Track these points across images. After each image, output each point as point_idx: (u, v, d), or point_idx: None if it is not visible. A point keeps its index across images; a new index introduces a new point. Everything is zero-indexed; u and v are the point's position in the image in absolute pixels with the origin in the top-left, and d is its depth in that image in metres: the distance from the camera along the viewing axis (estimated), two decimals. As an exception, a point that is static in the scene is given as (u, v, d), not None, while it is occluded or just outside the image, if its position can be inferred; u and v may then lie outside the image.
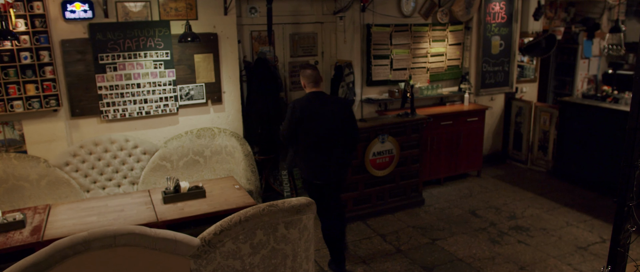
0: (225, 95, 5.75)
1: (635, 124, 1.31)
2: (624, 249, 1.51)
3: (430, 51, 6.91)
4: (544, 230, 5.33)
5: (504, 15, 7.28)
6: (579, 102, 6.69)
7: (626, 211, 1.46)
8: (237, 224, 3.17)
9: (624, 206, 1.46)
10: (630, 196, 1.45)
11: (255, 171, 5.46)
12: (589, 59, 8.59)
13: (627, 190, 1.44)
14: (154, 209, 4.14)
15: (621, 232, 1.47)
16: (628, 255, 1.53)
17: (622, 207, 1.46)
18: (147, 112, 5.33)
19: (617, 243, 1.50)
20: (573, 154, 6.76)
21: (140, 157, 5.27)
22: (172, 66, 5.35)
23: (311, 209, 3.50)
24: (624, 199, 1.46)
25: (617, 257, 1.52)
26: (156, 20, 5.20)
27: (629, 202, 1.46)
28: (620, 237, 1.47)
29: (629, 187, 1.44)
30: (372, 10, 6.34)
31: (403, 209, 5.89)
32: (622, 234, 1.47)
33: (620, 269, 1.53)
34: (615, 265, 1.51)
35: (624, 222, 1.47)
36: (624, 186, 1.45)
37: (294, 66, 6.56)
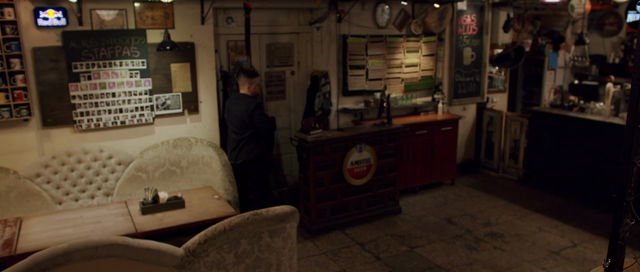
0: (202, 105, 5.70)
1: (633, 123, 1.37)
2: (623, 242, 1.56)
3: (405, 62, 7.03)
4: (518, 236, 5.45)
5: (475, 27, 7.48)
6: (548, 111, 6.90)
7: (625, 206, 1.52)
8: (221, 234, 3.14)
9: (623, 201, 1.52)
10: (629, 191, 1.52)
11: (233, 181, 5.41)
12: (555, 70, 8.88)
13: (625, 186, 1.50)
14: (132, 220, 4.05)
15: (621, 226, 1.52)
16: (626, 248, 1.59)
17: (622, 202, 1.52)
18: (122, 122, 5.23)
19: (616, 237, 1.56)
20: (543, 162, 6.96)
21: (115, 168, 5.15)
22: (148, 75, 5.27)
23: (295, 217, 3.49)
24: (623, 195, 1.52)
25: (616, 251, 1.58)
26: (132, 29, 5.12)
27: (627, 197, 1.52)
28: (620, 231, 1.53)
29: (628, 184, 1.50)
30: (348, 21, 6.41)
31: (381, 218, 5.93)
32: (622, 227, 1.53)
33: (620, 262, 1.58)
34: (615, 258, 1.57)
35: (623, 216, 1.53)
36: (623, 182, 1.51)
37: (270, 76, 6.56)
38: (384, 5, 6.63)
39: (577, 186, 6.47)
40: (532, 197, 6.69)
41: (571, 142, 6.48)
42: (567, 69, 9.16)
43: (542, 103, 8.77)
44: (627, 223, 1.55)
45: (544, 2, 7.58)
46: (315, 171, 5.38)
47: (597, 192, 6.21)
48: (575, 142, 6.43)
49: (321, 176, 5.43)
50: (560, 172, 6.67)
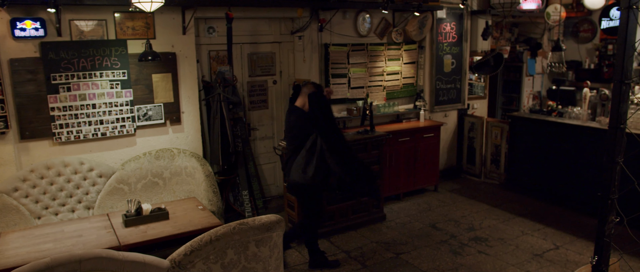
0: (185, 116, 5.65)
1: (616, 123, 1.41)
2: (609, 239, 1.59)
3: (386, 70, 7.08)
4: (501, 240, 5.50)
5: (455, 35, 7.58)
6: (527, 116, 7.01)
7: (609, 204, 1.55)
8: (207, 244, 3.10)
9: (608, 199, 1.55)
10: (613, 189, 1.55)
11: (217, 192, 5.36)
12: (533, 76, 9.05)
13: (610, 184, 1.53)
14: (115, 233, 3.98)
15: (606, 223, 1.55)
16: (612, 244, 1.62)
17: (606, 200, 1.55)
18: (103, 133, 5.15)
19: (602, 234, 1.59)
20: (523, 166, 7.06)
21: (96, 181, 5.07)
22: (129, 86, 5.21)
23: (281, 226, 3.47)
24: (608, 193, 1.55)
25: (603, 248, 1.60)
26: (112, 39, 5.07)
27: (612, 195, 1.55)
28: (605, 228, 1.56)
29: (612, 182, 1.53)
30: (329, 30, 6.44)
31: (366, 225, 5.93)
32: (607, 225, 1.55)
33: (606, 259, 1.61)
34: (601, 255, 1.60)
35: (608, 213, 1.56)
36: (607, 181, 1.54)
37: (252, 86, 6.54)
38: (365, 14, 6.68)
39: (557, 189, 6.57)
40: (514, 201, 6.77)
41: (550, 146, 6.59)
42: (545, 75, 9.35)
43: (521, 109, 8.92)
44: (612, 220, 1.58)
45: (521, 9, 7.73)
46: (299, 180, 5.36)
47: (577, 195, 6.31)
48: (554, 147, 6.54)
49: (306, 185, 5.41)
50: (541, 176, 6.77)
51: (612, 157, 1.46)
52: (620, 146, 1.44)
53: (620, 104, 1.39)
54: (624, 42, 1.34)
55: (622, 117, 1.40)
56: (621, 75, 1.36)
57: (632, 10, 1.29)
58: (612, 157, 1.46)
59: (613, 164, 1.46)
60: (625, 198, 1.97)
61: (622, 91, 1.38)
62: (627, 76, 1.35)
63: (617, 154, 1.43)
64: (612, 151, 1.46)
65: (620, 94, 1.38)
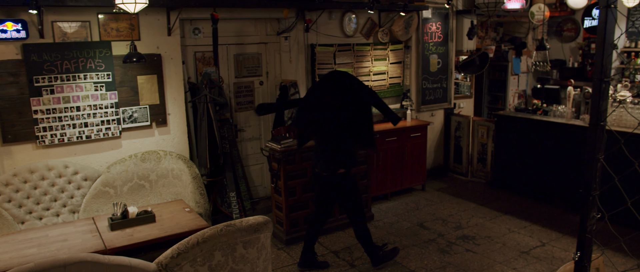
0: (171, 117, 5.61)
1: (596, 120, 1.42)
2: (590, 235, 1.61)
3: (373, 70, 7.10)
4: (488, 238, 5.54)
5: (440, 34, 7.63)
6: (513, 115, 7.07)
7: (591, 200, 1.57)
8: (194, 246, 3.08)
9: (589, 196, 1.57)
10: (594, 186, 1.57)
11: (204, 194, 5.34)
12: (518, 75, 9.14)
13: (591, 181, 1.55)
14: (100, 237, 3.94)
15: (588, 219, 1.57)
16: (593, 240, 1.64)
17: (588, 197, 1.57)
18: (87, 136, 5.10)
19: (584, 230, 1.61)
20: (510, 165, 7.12)
21: (81, 184, 5.01)
22: (114, 88, 5.16)
23: (268, 227, 3.46)
24: (589, 190, 1.57)
25: (585, 244, 1.62)
26: (96, 41, 5.02)
27: (593, 192, 1.57)
28: (587, 225, 1.58)
29: (593, 179, 1.55)
30: (315, 30, 6.45)
31: (354, 225, 5.93)
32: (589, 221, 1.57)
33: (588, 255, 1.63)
34: (584, 250, 1.62)
35: (589, 210, 1.58)
36: (589, 178, 1.56)
37: (238, 87, 6.52)
38: (351, 14, 6.69)
39: (543, 187, 6.64)
40: (500, 199, 6.82)
41: (536, 144, 6.66)
42: (530, 73, 9.44)
43: (507, 107, 9.00)
44: (593, 217, 1.60)
45: (505, 9, 7.80)
46: (286, 181, 5.36)
47: (563, 192, 6.38)
48: (539, 145, 6.61)
49: (293, 186, 5.41)
50: (527, 174, 6.83)
51: (593, 155, 1.48)
52: (601, 143, 1.46)
53: (600, 102, 1.41)
54: (602, 41, 1.35)
55: (602, 115, 1.41)
56: (601, 74, 1.38)
57: (611, 9, 1.30)
58: (592, 154, 1.48)
59: (594, 161, 1.48)
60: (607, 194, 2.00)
61: (602, 89, 1.39)
62: (606, 74, 1.37)
63: (597, 151, 1.45)
64: (593, 148, 1.48)
65: (600, 91, 1.40)
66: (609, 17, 1.30)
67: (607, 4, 1.31)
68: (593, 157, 1.48)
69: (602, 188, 1.65)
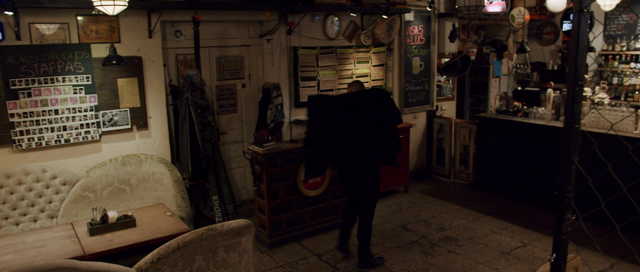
0: (152, 120, 5.55)
1: (570, 123, 1.44)
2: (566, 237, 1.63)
3: (355, 72, 7.12)
4: (470, 239, 5.58)
5: (423, 37, 7.68)
6: (494, 117, 7.14)
7: (566, 202, 1.58)
8: (175, 251, 3.05)
9: (564, 198, 1.58)
10: (569, 188, 1.58)
11: (185, 197, 5.29)
12: (499, 77, 9.23)
13: (566, 183, 1.57)
14: (79, 243, 3.87)
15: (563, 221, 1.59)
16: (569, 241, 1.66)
17: (563, 199, 1.59)
18: (66, 140, 5.02)
19: (560, 232, 1.62)
20: (491, 166, 7.19)
21: (59, 189, 4.93)
22: (93, 91, 5.09)
23: (250, 230, 3.44)
24: (564, 191, 1.58)
25: (560, 245, 1.64)
26: (75, 43, 4.94)
27: (568, 194, 1.58)
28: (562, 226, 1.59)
29: (567, 180, 1.57)
30: (298, 33, 6.44)
31: (337, 228, 5.90)
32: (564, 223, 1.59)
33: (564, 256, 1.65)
34: (559, 252, 1.63)
35: (564, 212, 1.60)
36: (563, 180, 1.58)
37: (221, 89, 6.48)
38: (333, 17, 6.70)
39: (524, 188, 6.71)
40: (483, 200, 6.88)
41: (517, 146, 6.73)
42: (511, 76, 9.54)
43: (488, 109, 9.09)
44: (568, 218, 1.62)
45: (486, 12, 7.88)
46: (269, 184, 5.34)
47: (543, 193, 6.46)
48: (520, 146, 6.68)
49: (275, 188, 5.39)
50: (508, 175, 6.91)
51: (568, 157, 1.49)
52: (575, 145, 1.48)
53: (574, 105, 1.43)
54: (576, 44, 1.37)
55: (576, 117, 1.43)
56: (575, 77, 1.39)
57: (583, 14, 1.32)
58: (567, 156, 1.50)
59: (569, 163, 1.50)
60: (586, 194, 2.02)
61: (576, 92, 1.41)
62: (580, 77, 1.39)
63: (572, 153, 1.47)
64: (567, 150, 1.49)
65: (574, 94, 1.41)
66: (582, 21, 1.32)
67: (580, 8, 1.32)
68: (567, 159, 1.49)
69: (578, 189, 1.67)
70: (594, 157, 1.91)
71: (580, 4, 1.31)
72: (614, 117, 5.75)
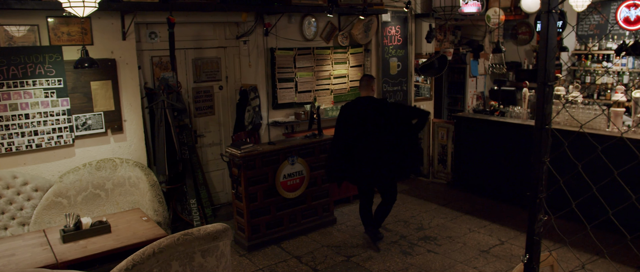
0: (127, 124, 5.46)
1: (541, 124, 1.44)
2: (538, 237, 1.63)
3: (333, 73, 7.11)
4: (449, 238, 5.62)
5: (400, 38, 7.71)
6: (471, 116, 7.21)
7: (538, 203, 1.59)
8: (150, 257, 2.99)
9: (536, 198, 1.59)
10: (541, 188, 1.59)
11: (162, 202, 5.21)
12: (476, 77, 9.33)
13: (537, 184, 1.58)
14: (51, 250, 3.78)
15: (535, 222, 1.59)
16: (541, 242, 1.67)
17: (535, 199, 1.59)
18: (38, 144, 4.90)
19: (532, 232, 1.63)
20: (469, 165, 7.25)
21: (31, 195, 4.80)
22: (65, 94, 4.98)
23: (227, 234, 3.40)
24: (536, 192, 1.59)
25: (533, 246, 1.65)
26: (46, 46, 4.83)
27: (539, 194, 1.59)
28: (535, 227, 1.60)
29: (539, 181, 1.57)
30: (275, 34, 6.41)
31: (316, 230, 5.91)
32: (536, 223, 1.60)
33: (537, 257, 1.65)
34: (532, 253, 1.64)
35: (537, 213, 1.60)
36: (535, 180, 1.58)
37: (198, 92, 6.41)
38: (310, 18, 6.69)
39: (501, 186, 6.78)
40: (461, 199, 6.94)
41: (493, 145, 6.80)
42: (487, 75, 9.65)
43: (466, 109, 9.17)
44: (540, 219, 1.63)
45: (462, 13, 7.95)
46: (247, 186, 5.29)
47: (520, 191, 6.53)
48: (497, 145, 6.76)
49: (254, 191, 5.35)
50: (486, 174, 6.98)
51: (539, 158, 1.50)
52: (546, 146, 1.49)
53: (544, 105, 1.43)
54: (545, 45, 1.38)
55: (547, 118, 1.44)
56: (544, 77, 1.40)
57: (552, 14, 1.33)
58: (538, 157, 1.50)
59: (540, 164, 1.50)
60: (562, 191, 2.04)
61: (546, 93, 1.42)
62: (549, 78, 1.39)
63: (543, 154, 1.47)
64: (539, 151, 1.50)
65: (544, 95, 1.42)
66: (551, 21, 1.33)
67: (548, 9, 1.33)
68: (539, 160, 1.50)
69: (552, 188, 1.68)
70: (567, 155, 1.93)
71: (549, 5, 1.31)
72: (587, 116, 5.85)
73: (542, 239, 1.62)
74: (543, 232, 1.63)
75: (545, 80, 1.40)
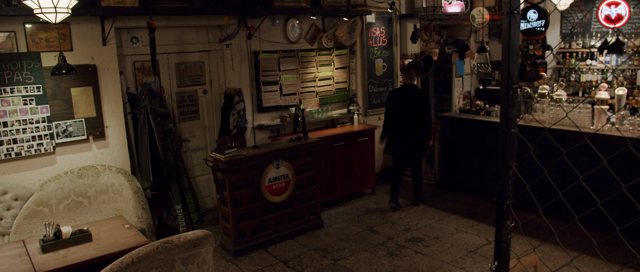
0: (109, 130, 5.39)
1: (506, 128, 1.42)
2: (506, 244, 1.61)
3: (318, 75, 7.08)
4: (437, 239, 5.61)
5: (385, 39, 7.70)
6: (457, 116, 7.21)
7: (505, 209, 1.57)
8: (129, 266, 2.94)
9: (503, 204, 1.57)
10: (508, 194, 1.57)
11: (146, 208, 5.15)
12: (462, 77, 9.34)
13: (504, 189, 1.55)
14: (30, 261, 3.70)
15: (503, 228, 1.57)
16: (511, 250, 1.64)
17: (502, 206, 1.57)
18: (17, 153, 4.82)
19: (500, 239, 1.60)
20: (456, 165, 7.25)
21: (10, 204, 4.72)
22: (45, 102, 4.90)
23: (209, 241, 3.35)
24: (503, 198, 1.57)
25: (501, 253, 1.62)
26: (24, 52, 4.75)
27: (506, 200, 1.57)
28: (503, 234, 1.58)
29: (506, 187, 1.55)
30: (258, 37, 6.36)
31: (303, 233, 5.88)
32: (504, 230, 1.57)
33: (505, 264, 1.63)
34: (501, 260, 1.61)
35: (504, 219, 1.58)
36: (501, 186, 1.56)
37: (182, 96, 6.35)
38: (294, 20, 6.65)
39: (488, 186, 6.78)
40: (448, 199, 6.93)
41: (480, 144, 6.81)
42: (474, 75, 9.67)
43: (453, 109, 9.18)
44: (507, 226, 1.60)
45: (446, 13, 7.96)
46: (232, 191, 5.24)
47: (506, 191, 6.54)
48: (483, 144, 6.76)
49: (239, 196, 5.30)
50: (472, 173, 6.98)
51: (505, 163, 1.48)
52: (512, 151, 1.46)
53: (508, 109, 1.41)
54: (508, 47, 1.35)
55: (512, 122, 1.41)
56: (507, 80, 1.37)
57: (513, 15, 1.30)
58: (504, 162, 1.48)
59: (506, 169, 1.48)
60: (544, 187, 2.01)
61: (510, 96, 1.39)
62: (513, 81, 1.37)
63: (509, 158, 1.45)
64: (504, 156, 1.48)
65: (508, 98, 1.39)
66: (513, 23, 1.30)
67: (510, 10, 1.30)
68: (505, 165, 1.47)
69: (517, 195, 1.66)
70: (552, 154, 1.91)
71: (510, 5, 1.29)
72: (571, 114, 5.87)
73: (529, 237, 1.59)
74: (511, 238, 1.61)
75: (508, 83, 1.37)
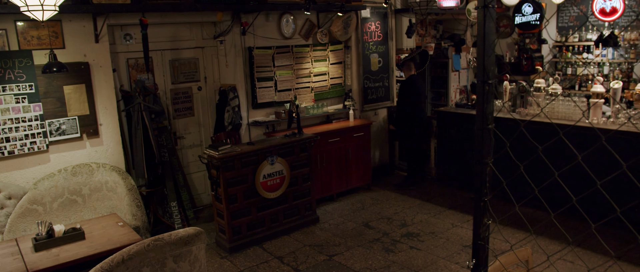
0: (103, 128, 5.37)
1: (482, 125, 1.41)
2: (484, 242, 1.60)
3: (313, 71, 7.06)
4: (432, 234, 5.60)
5: (380, 33, 7.67)
6: (453, 111, 7.19)
7: (482, 206, 1.56)
8: (120, 264, 2.93)
9: (480, 201, 1.56)
10: (485, 191, 1.55)
11: (141, 206, 5.14)
12: (458, 71, 9.31)
13: (481, 186, 1.54)
14: (22, 260, 3.69)
15: (480, 226, 1.56)
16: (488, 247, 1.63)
17: (479, 203, 1.56)
18: (10, 151, 4.80)
19: (478, 237, 1.59)
20: (452, 160, 7.24)
21: (4, 203, 4.71)
22: (37, 100, 4.89)
23: (201, 238, 3.35)
24: (480, 195, 1.55)
25: (479, 250, 1.61)
26: (15, 50, 4.73)
27: (484, 197, 1.55)
28: (480, 231, 1.56)
29: (483, 183, 1.54)
30: (252, 33, 6.34)
31: (299, 229, 5.87)
32: (482, 227, 1.56)
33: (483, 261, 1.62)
34: (479, 257, 1.60)
35: (481, 216, 1.57)
36: (479, 183, 1.55)
37: (176, 93, 6.33)
38: (288, 16, 6.63)
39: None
40: (444, 194, 6.93)
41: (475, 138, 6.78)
42: (470, 69, 9.64)
43: (449, 103, 9.15)
44: (485, 223, 1.59)
45: (441, 7, 7.92)
46: (227, 188, 5.23)
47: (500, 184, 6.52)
48: (479, 139, 6.73)
49: (233, 192, 5.29)
50: (468, 168, 6.95)
51: (481, 159, 1.46)
52: (489, 147, 1.45)
53: (485, 105, 1.39)
54: (483, 42, 1.33)
55: (489, 118, 1.40)
56: (483, 76, 1.36)
57: (489, 9, 1.29)
58: (480, 158, 1.46)
59: (482, 165, 1.47)
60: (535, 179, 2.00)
61: (486, 91, 1.38)
62: (488, 76, 1.35)
63: (485, 155, 1.44)
64: (481, 152, 1.46)
65: (484, 94, 1.38)
66: (488, 17, 1.29)
67: (484, 4, 1.29)
68: (481, 161, 1.46)
69: (494, 192, 1.64)
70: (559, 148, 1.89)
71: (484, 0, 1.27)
72: (566, 108, 5.85)
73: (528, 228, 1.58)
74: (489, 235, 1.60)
75: (484, 78, 1.36)
